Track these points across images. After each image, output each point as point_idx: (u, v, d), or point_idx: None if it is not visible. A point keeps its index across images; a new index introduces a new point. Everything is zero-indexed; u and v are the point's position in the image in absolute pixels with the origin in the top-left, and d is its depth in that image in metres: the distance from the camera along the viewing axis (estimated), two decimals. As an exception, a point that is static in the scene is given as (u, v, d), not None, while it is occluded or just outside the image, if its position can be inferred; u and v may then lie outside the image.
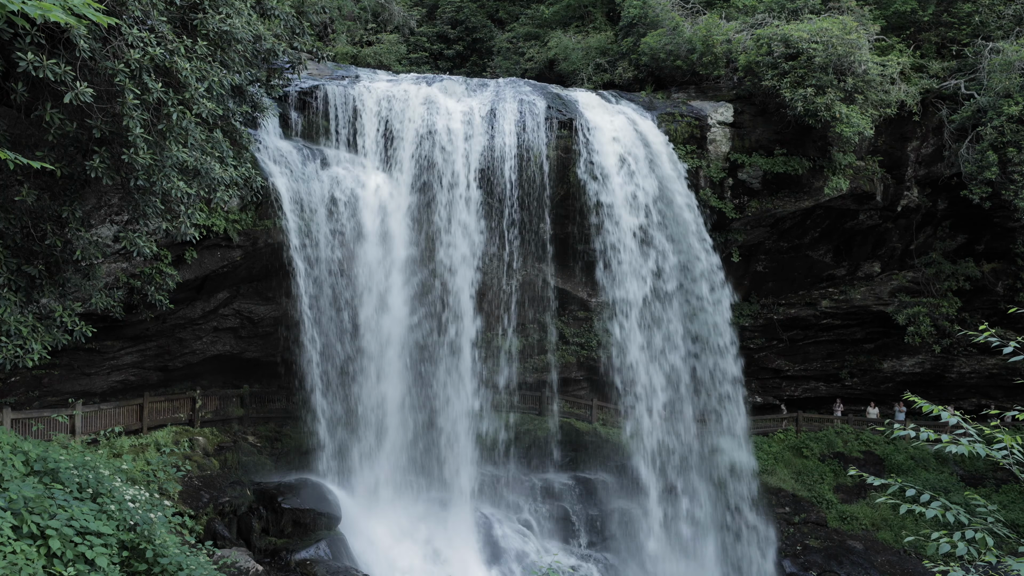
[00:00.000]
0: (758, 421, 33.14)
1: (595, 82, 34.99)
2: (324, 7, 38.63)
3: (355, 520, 24.14)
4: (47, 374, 22.41)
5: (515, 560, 25.55)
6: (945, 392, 35.81)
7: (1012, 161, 28.10)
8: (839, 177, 29.53)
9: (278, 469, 25.27)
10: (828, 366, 36.85)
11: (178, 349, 24.93)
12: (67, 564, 9.19)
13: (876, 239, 33.44)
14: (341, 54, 41.11)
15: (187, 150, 15.04)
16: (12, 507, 9.34)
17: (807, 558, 28.94)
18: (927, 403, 8.20)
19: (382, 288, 24.85)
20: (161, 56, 14.05)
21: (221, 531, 21.65)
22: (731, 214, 29.93)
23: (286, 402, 26.53)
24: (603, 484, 28.98)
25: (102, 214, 19.02)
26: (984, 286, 33.83)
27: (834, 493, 32.05)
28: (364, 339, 24.80)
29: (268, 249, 23.53)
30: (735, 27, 31.54)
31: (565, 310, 30.64)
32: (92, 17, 6.36)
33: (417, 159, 25.60)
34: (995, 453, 7.57)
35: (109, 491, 11.52)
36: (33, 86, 13.68)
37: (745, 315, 33.58)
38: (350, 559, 22.70)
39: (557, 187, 27.19)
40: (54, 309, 16.90)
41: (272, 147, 23.79)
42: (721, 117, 29.58)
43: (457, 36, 45.16)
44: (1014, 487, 31.07)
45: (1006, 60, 28.68)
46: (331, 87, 25.89)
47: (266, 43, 19.01)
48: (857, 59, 27.61)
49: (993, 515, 8.08)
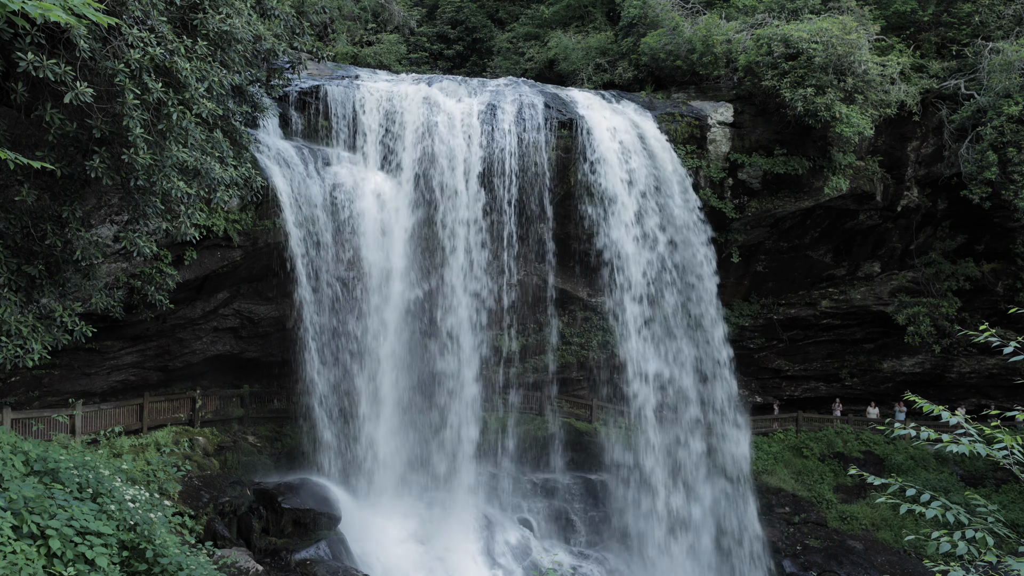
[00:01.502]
0: (758, 421, 33.15)
1: (595, 82, 34.98)
2: (324, 7, 38.62)
3: (355, 520, 24.13)
4: (47, 374, 22.41)
5: (515, 560, 25.55)
6: (945, 392, 35.80)
7: (1012, 161, 28.09)
8: (839, 177, 29.53)
9: (278, 469, 25.27)
10: (828, 366, 36.85)
11: (178, 349, 24.93)
12: (67, 564, 9.19)
13: (876, 239, 33.43)
14: (341, 54, 41.11)
15: (187, 150, 15.04)
16: (12, 507, 9.34)
17: (807, 558, 28.93)
18: (927, 403, 8.19)
19: (382, 287, 24.85)
20: (161, 56, 14.05)
21: (221, 531, 21.65)
22: (731, 214, 29.93)
23: (286, 402, 26.53)
24: (603, 484, 28.97)
25: (102, 214, 19.01)
26: (984, 286, 33.82)
27: (834, 493, 32.05)
28: (364, 338, 24.80)
29: (268, 249, 23.52)
30: (735, 27, 31.54)
31: (565, 310, 30.63)
32: (92, 17, 6.36)
33: (417, 159, 25.60)
34: (995, 453, 7.57)
35: (109, 491, 11.52)
36: (33, 86, 13.68)
37: (745, 315, 33.58)
38: (350, 559, 22.70)
39: (557, 187, 27.19)
40: (54, 309, 16.90)
41: (272, 147, 23.78)
42: (721, 117, 29.58)
43: (457, 36, 45.16)
44: (1014, 487, 31.07)
45: (1006, 60, 28.68)
46: (331, 87, 25.89)
47: (266, 43, 19.01)
48: (857, 59, 27.61)
49: (993, 515, 8.08)
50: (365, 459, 25.23)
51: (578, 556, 27.01)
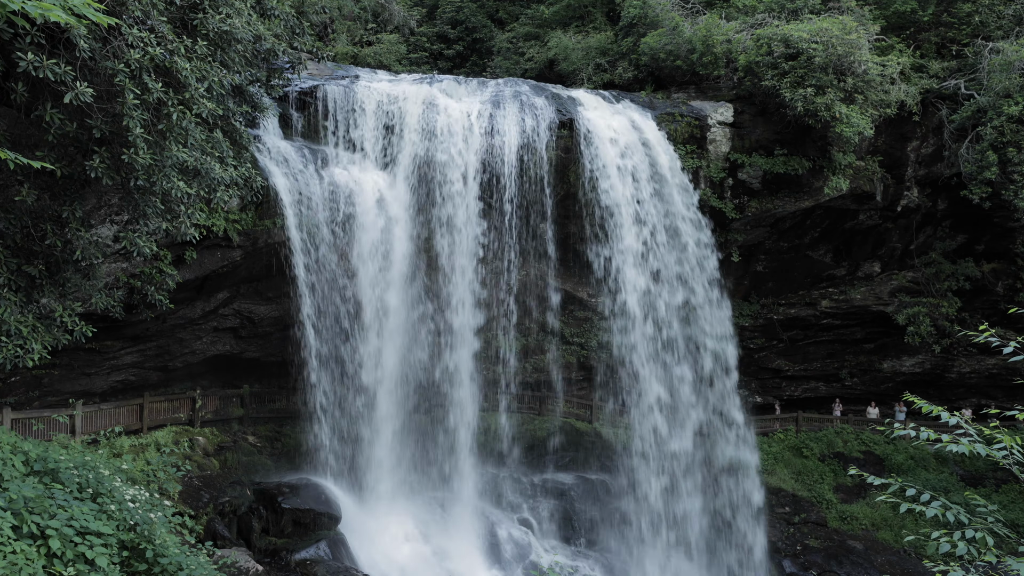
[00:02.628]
0: (758, 421, 33.14)
1: (595, 82, 34.98)
2: (324, 7, 38.65)
3: (355, 520, 24.13)
4: (47, 374, 22.40)
5: (515, 560, 25.55)
6: (945, 392, 35.81)
7: (1012, 161, 28.10)
8: (839, 177, 29.53)
9: (278, 469, 25.26)
10: (828, 366, 36.85)
11: (178, 349, 24.93)
12: (67, 564, 9.18)
13: (876, 239, 33.43)
14: (341, 54, 41.10)
15: (187, 150, 15.03)
16: (12, 507, 9.34)
17: (807, 558, 28.93)
18: (927, 403, 8.20)
19: (382, 287, 24.85)
20: (161, 56, 14.04)
21: (221, 531, 21.65)
22: (731, 214, 29.93)
23: (286, 402, 26.54)
24: (603, 484, 28.97)
25: (102, 214, 19.01)
26: (984, 286, 33.82)
27: (834, 493, 32.05)
28: (364, 338, 24.80)
29: (268, 249, 23.52)
30: (735, 27, 31.54)
31: (565, 310, 30.62)
32: (92, 17, 6.36)
33: (417, 159, 25.59)
34: (995, 453, 7.57)
35: (109, 491, 11.52)
36: (33, 86, 13.67)
37: (745, 315, 33.57)
38: (350, 559, 22.70)
39: (557, 187, 27.19)
40: (54, 309, 16.90)
41: (272, 147, 23.78)
42: (721, 117, 29.58)
43: (457, 36, 45.16)
44: (1014, 487, 31.07)
45: (1006, 60, 28.68)
46: (331, 87, 25.89)
47: (266, 43, 19.01)
48: (857, 59, 27.61)
49: (993, 515, 8.08)
50: (365, 459, 25.23)
51: (578, 556, 27.01)
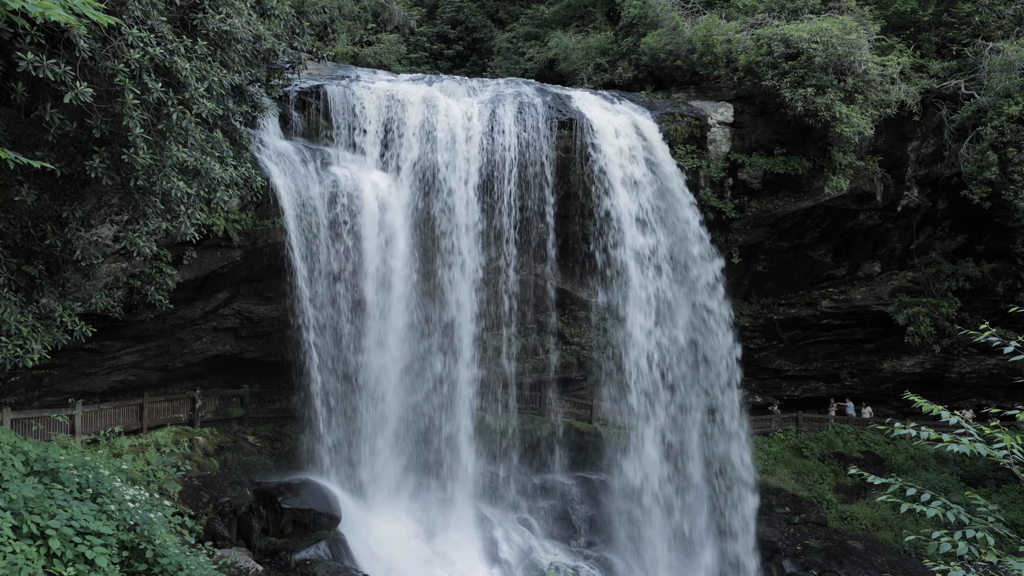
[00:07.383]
0: (758, 421, 33.15)
1: (595, 82, 34.98)
2: (324, 7, 38.64)
3: (355, 520, 24.13)
4: (47, 374, 22.40)
5: (515, 560, 25.55)
6: (945, 392, 35.79)
7: (1012, 161, 28.10)
8: (839, 177, 29.52)
9: (278, 469, 25.25)
10: (828, 366, 36.84)
11: (178, 349, 24.92)
12: (67, 564, 9.19)
13: (876, 239, 33.43)
14: (341, 54, 41.10)
15: (187, 150, 15.03)
16: (12, 507, 9.34)
17: (807, 558, 28.92)
18: (927, 403, 8.19)
19: (381, 287, 24.84)
20: (161, 56, 14.04)
21: (221, 531, 21.64)
22: (731, 214, 29.92)
23: (286, 402, 26.52)
24: (603, 484, 28.96)
25: (102, 214, 19.00)
26: (984, 286, 33.82)
27: (834, 493, 32.04)
28: (364, 338, 24.80)
29: (268, 249, 23.52)
30: (735, 27, 31.54)
31: (565, 310, 30.62)
32: (92, 16, 6.36)
33: (417, 159, 25.59)
34: (995, 453, 7.57)
35: (109, 491, 11.53)
36: (33, 86, 13.67)
37: (745, 315, 33.56)
38: (350, 559, 22.70)
39: (557, 187, 27.18)
40: (54, 309, 16.90)
41: (272, 147, 23.78)
42: (721, 117, 29.58)
43: (457, 36, 45.16)
44: (1014, 487, 31.07)
45: (1006, 60, 28.67)
46: (331, 87, 25.88)
47: (266, 43, 19.01)
48: (857, 59, 27.60)
49: (993, 515, 8.07)
50: (365, 459, 25.23)
51: (578, 556, 27.00)
